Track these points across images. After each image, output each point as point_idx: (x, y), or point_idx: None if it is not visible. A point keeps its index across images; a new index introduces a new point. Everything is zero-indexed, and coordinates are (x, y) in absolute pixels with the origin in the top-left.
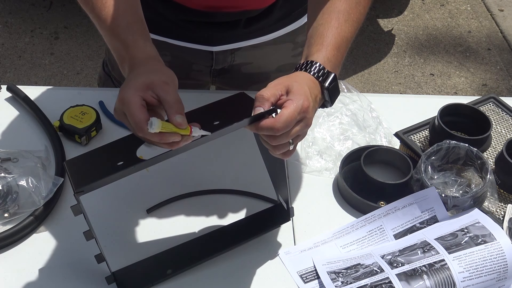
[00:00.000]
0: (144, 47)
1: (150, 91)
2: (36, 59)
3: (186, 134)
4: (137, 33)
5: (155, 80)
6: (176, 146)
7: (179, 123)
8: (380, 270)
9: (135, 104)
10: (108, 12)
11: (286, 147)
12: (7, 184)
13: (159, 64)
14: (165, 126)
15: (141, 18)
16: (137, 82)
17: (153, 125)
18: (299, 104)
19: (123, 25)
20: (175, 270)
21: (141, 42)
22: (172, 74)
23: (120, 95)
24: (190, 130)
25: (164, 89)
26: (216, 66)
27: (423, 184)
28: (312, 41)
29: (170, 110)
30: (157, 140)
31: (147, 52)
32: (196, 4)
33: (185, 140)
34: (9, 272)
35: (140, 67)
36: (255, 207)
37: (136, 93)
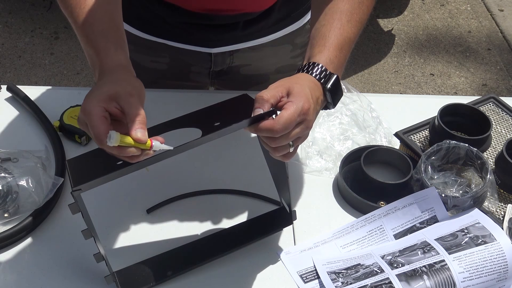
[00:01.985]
0: (115, 55)
1: (114, 102)
2: (36, 59)
3: (145, 149)
4: (110, 41)
5: (120, 91)
6: (136, 160)
7: (138, 138)
8: (380, 270)
9: (96, 116)
10: (85, 17)
11: (286, 149)
12: (7, 184)
13: (128, 74)
14: (124, 140)
15: (117, 25)
16: (101, 92)
17: (112, 138)
18: (299, 106)
19: (98, 31)
20: (176, 272)
21: (113, 50)
22: (140, 86)
23: (83, 104)
24: (151, 145)
25: (128, 101)
26: (214, 68)
27: (423, 184)
28: (314, 42)
29: (131, 123)
30: (116, 153)
31: (117, 61)
32: (195, 7)
33: (146, 155)
34: (9, 272)
35: (108, 75)
36: (256, 208)
37: (98, 103)
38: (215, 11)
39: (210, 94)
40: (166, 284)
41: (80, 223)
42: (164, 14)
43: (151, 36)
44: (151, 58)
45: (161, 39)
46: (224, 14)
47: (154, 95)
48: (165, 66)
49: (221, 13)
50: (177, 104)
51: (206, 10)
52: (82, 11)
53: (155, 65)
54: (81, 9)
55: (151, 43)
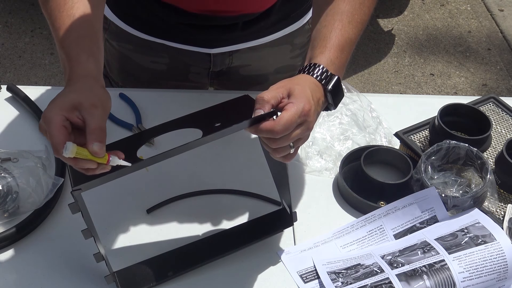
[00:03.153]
0: (86, 64)
1: (77, 112)
2: (36, 59)
3: (102, 163)
4: (83, 48)
5: (84, 101)
6: (92, 173)
7: (95, 152)
8: (380, 270)
9: (55, 124)
10: (62, 22)
11: (287, 150)
12: (7, 184)
13: (96, 84)
14: (81, 152)
15: (94, 33)
16: (64, 101)
17: (67, 149)
18: (300, 107)
19: (72, 37)
20: (176, 272)
21: (84, 58)
22: (106, 97)
23: (45, 111)
24: (108, 160)
25: (90, 112)
26: (214, 68)
27: (423, 184)
28: (315, 43)
29: (89, 136)
30: (72, 164)
31: (87, 69)
32: (194, 8)
33: (102, 168)
34: (9, 272)
35: (75, 84)
36: (257, 208)
37: (60, 112)
38: (214, 12)
39: (210, 94)
40: (166, 284)
41: (80, 223)
42: (163, 14)
43: (150, 36)
44: (151, 58)
45: (160, 40)
46: (223, 15)
47: (154, 95)
48: (164, 66)
49: (220, 14)
50: (177, 104)
51: (206, 11)
52: (60, 14)
53: (155, 65)
54: (59, 13)
55: (150, 43)
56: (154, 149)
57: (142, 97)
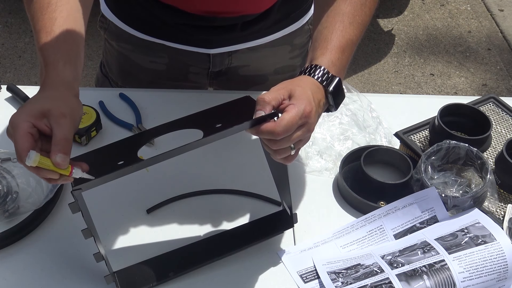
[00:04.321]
0: (62, 70)
1: (45, 119)
2: (36, 59)
3: (64, 174)
4: (60, 54)
5: (53, 110)
6: (54, 182)
7: (57, 163)
8: (380, 270)
9: (21, 131)
10: (43, 25)
11: (288, 151)
12: (7, 184)
13: (68, 93)
14: (43, 162)
15: (75, 38)
16: (33, 107)
17: (30, 158)
18: (301, 108)
19: (51, 42)
20: (176, 272)
21: (61, 64)
22: (77, 107)
23: (12, 116)
24: (71, 172)
25: (58, 121)
26: (213, 68)
27: (423, 184)
28: (316, 45)
29: (54, 147)
30: (34, 173)
31: (61, 76)
32: (194, 9)
33: (64, 180)
34: (9, 272)
35: (48, 90)
36: (257, 208)
37: (27, 118)
38: (214, 13)
39: (209, 95)
40: (166, 284)
41: (80, 223)
42: (162, 15)
43: (150, 36)
44: (150, 58)
45: (160, 40)
46: (223, 16)
47: (154, 95)
48: (163, 66)
49: (220, 15)
50: (177, 104)
51: (205, 12)
52: (42, 17)
53: (154, 65)
54: (42, 15)
55: (149, 43)
56: (154, 150)
57: (142, 97)
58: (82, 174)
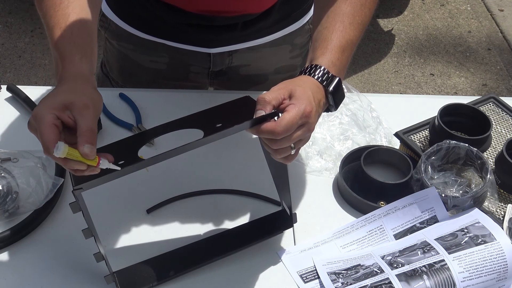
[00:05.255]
0: (79, 64)
1: (68, 111)
2: (36, 59)
3: (92, 165)
4: (76, 48)
5: (76, 101)
6: (80, 174)
7: (85, 154)
8: (380, 270)
9: (46, 123)
10: (57, 20)
11: (288, 151)
12: (7, 184)
13: (88, 85)
14: (72, 153)
15: (89, 33)
16: (56, 100)
17: (59, 149)
18: (301, 108)
19: (66, 36)
20: (176, 272)
21: (77, 58)
22: (98, 99)
23: (35, 109)
24: (98, 162)
25: (82, 112)
26: (214, 68)
27: (423, 184)
28: (316, 45)
29: (80, 137)
30: (61, 164)
31: (79, 69)
32: (194, 8)
33: (91, 171)
34: (9, 272)
35: (67, 83)
36: (257, 208)
37: (51, 111)
38: (214, 13)
39: (210, 95)
40: (166, 284)
41: (80, 223)
42: (163, 14)
43: (150, 36)
44: (150, 58)
45: (160, 39)
46: (223, 15)
47: (154, 95)
48: (164, 66)
49: (220, 15)
50: (177, 104)
51: (206, 11)
52: (55, 13)
53: (154, 64)
54: (55, 11)
55: (150, 43)
56: (154, 149)
57: (142, 97)
58: (109, 164)
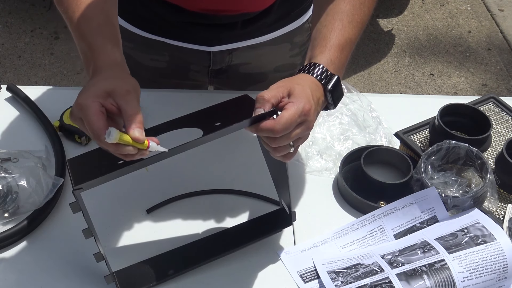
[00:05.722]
0: (111, 52)
1: (111, 99)
2: (36, 59)
3: (142, 148)
4: (106, 37)
5: (117, 88)
6: (131, 158)
7: (136, 137)
8: (380, 269)
9: (93, 111)
10: (81, 13)
11: (287, 149)
12: (7, 184)
13: (124, 72)
14: (123, 138)
15: (113, 23)
16: (97, 88)
17: (111, 135)
18: (300, 106)
19: (93, 27)
20: (176, 272)
21: (109, 47)
22: (136, 84)
23: (79, 99)
24: (148, 145)
25: (126, 98)
26: (214, 66)
27: (423, 184)
28: (315, 43)
29: (128, 122)
30: (112, 150)
31: (113, 58)
32: (195, 7)
33: (141, 154)
34: (9, 272)
35: (104, 72)
36: (256, 208)
37: (95, 99)
38: (214, 11)
39: (210, 94)
40: (166, 284)
41: (80, 223)
42: (164, 13)
43: (150, 34)
44: (151, 56)
45: (160, 37)
46: (223, 14)
47: (154, 95)
48: (164, 64)
49: (220, 13)
50: (177, 104)
51: (206, 10)
52: (78, 7)
53: (155, 63)
54: (77, 5)
55: (150, 41)
56: None
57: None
58: (157, 147)
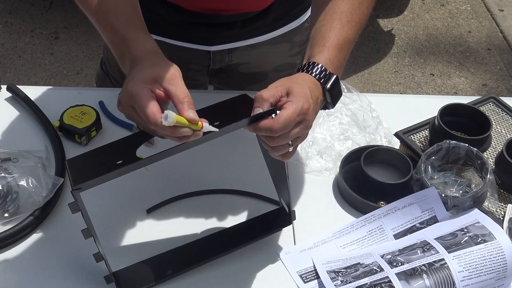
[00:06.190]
0: (146, 42)
1: (158, 85)
2: (36, 59)
3: (197, 129)
4: (138, 28)
5: (162, 73)
6: (186, 140)
7: (192, 118)
8: (379, 269)
9: (145, 97)
10: (106, 7)
11: (285, 148)
12: (7, 184)
13: (163, 59)
14: (179, 120)
15: (140, 13)
16: (144, 76)
17: (169, 118)
18: (298, 105)
19: (123, 20)
20: (175, 271)
21: (142, 37)
22: (177, 68)
23: (128, 89)
24: (202, 126)
25: (173, 82)
26: (213, 66)
27: (423, 184)
28: (314, 43)
29: (181, 104)
30: (169, 133)
31: (149, 47)
32: (194, 6)
33: (196, 135)
34: (9, 272)
35: (145, 61)
36: (256, 208)
37: (144, 85)
38: (214, 11)
39: (209, 94)
40: (166, 284)
41: (80, 223)
42: (163, 13)
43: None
44: None
45: (160, 37)
46: (223, 14)
47: None
48: None
49: (220, 13)
50: None
51: (206, 9)
52: (103, 2)
53: None
54: (103, 1)
55: None
56: (154, 149)
57: None
58: (209, 127)
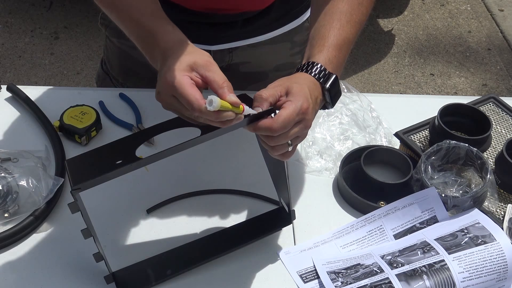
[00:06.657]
0: (174, 33)
1: (195, 72)
2: (36, 59)
3: (239, 113)
4: (163, 20)
5: (198, 60)
6: (229, 124)
7: (234, 101)
8: (380, 270)
9: (187, 84)
10: (129, 3)
11: (285, 148)
12: (7, 184)
13: (193, 47)
14: (223, 104)
15: (160, 6)
16: (180, 65)
17: (214, 103)
18: (298, 105)
19: (148, 13)
20: (175, 271)
21: (170, 28)
22: (209, 55)
23: (167, 79)
24: (243, 109)
25: (210, 68)
26: None
27: (423, 184)
28: (313, 42)
29: (221, 89)
30: (214, 118)
31: (178, 36)
32: (195, 6)
33: (238, 119)
34: (9, 272)
35: (176, 50)
36: (256, 208)
37: (183, 73)
38: (215, 10)
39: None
40: (166, 284)
41: (80, 223)
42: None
43: None
44: None
45: None
46: (223, 13)
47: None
48: None
49: (220, 12)
50: None
51: (206, 9)
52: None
53: None
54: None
55: None
56: (154, 149)
57: (142, 97)
58: (250, 110)
